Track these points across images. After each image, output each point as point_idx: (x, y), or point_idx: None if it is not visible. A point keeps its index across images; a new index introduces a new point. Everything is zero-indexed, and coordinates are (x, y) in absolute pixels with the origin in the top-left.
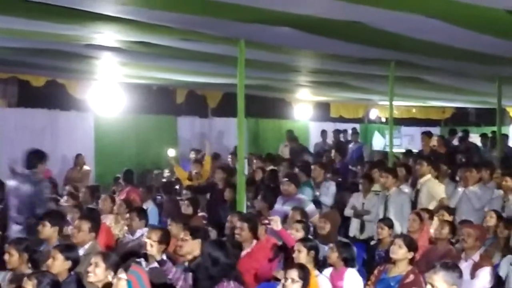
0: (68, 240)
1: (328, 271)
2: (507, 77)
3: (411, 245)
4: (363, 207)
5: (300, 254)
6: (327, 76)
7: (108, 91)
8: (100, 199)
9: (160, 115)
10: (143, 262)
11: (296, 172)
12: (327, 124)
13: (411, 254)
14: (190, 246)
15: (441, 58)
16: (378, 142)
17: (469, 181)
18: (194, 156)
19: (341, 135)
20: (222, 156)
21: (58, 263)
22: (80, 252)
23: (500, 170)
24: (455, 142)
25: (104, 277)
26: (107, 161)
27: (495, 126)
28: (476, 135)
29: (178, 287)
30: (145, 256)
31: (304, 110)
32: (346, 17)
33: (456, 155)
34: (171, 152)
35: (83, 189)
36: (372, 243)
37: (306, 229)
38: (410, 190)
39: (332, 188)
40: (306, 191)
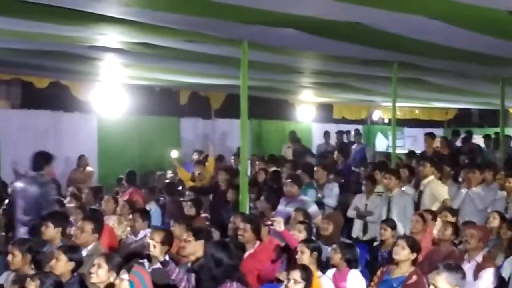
0: (70, 241)
1: (331, 272)
2: (510, 78)
3: (414, 246)
4: (366, 208)
5: (303, 255)
6: (330, 77)
7: (112, 93)
8: (103, 200)
9: (163, 117)
10: (146, 263)
11: (299, 173)
12: (330, 126)
13: (414, 255)
14: (193, 247)
15: (444, 59)
16: (381, 143)
17: (472, 182)
18: (197, 157)
19: (344, 136)
20: (225, 158)
21: (62, 264)
22: (83, 253)
23: (503, 171)
24: (458, 143)
25: (107, 278)
26: (110, 162)
27: (498, 127)
28: (479, 136)
29: (181, 287)
30: (148, 257)
31: (307, 112)
32: (349, 18)
33: (459, 156)
34: (174, 154)
35: (86, 190)
36: (375, 244)
37: (308, 230)
38: (413, 191)
39: (335, 189)
40: (310, 193)
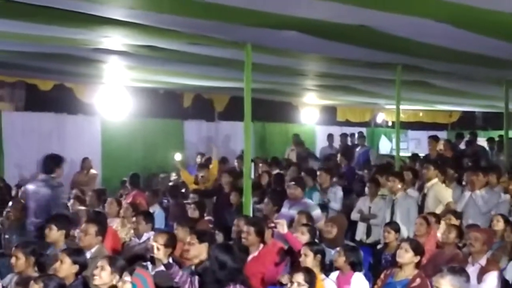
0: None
1: (334, 275)
2: None
3: (417, 249)
4: (370, 211)
5: (307, 258)
6: (334, 80)
7: (115, 95)
8: (107, 203)
9: (167, 119)
10: (150, 266)
11: (303, 176)
12: (333, 128)
13: (417, 258)
14: (197, 249)
15: (448, 62)
16: (385, 146)
17: (475, 185)
18: (199, 160)
19: (348, 139)
20: (229, 160)
21: (66, 267)
22: (87, 256)
23: (507, 174)
24: (462, 146)
25: (110, 280)
26: (114, 164)
27: (502, 130)
28: (483, 139)
29: None
30: (151, 259)
31: (311, 114)
32: (352, 21)
33: (463, 159)
34: (178, 156)
35: (90, 192)
36: (379, 247)
37: (311, 232)
38: (417, 194)
39: (339, 192)
40: (315, 195)
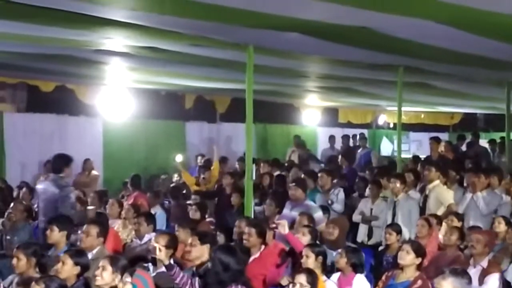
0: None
1: (336, 277)
2: None
3: (418, 250)
4: (371, 213)
5: (308, 259)
6: (336, 81)
7: (117, 96)
8: (108, 204)
9: (169, 120)
10: (151, 267)
11: (304, 177)
12: (335, 130)
13: (418, 260)
14: (199, 251)
15: (449, 64)
16: (386, 148)
17: (477, 186)
18: (199, 161)
19: (350, 141)
20: (230, 161)
21: (67, 268)
22: (88, 257)
23: (509, 176)
24: (464, 147)
25: (111, 280)
26: (115, 166)
27: (504, 131)
28: (485, 140)
29: None
30: (153, 260)
31: (312, 116)
32: (354, 22)
33: (464, 161)
34: (179, 157)
35: (91, 194)
36: (380, 248)
37: (312, 233)
38: (418, 195)
39: (341, 194)
40: (317, 197)
